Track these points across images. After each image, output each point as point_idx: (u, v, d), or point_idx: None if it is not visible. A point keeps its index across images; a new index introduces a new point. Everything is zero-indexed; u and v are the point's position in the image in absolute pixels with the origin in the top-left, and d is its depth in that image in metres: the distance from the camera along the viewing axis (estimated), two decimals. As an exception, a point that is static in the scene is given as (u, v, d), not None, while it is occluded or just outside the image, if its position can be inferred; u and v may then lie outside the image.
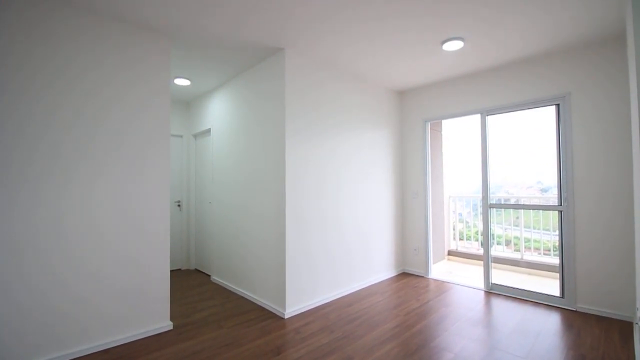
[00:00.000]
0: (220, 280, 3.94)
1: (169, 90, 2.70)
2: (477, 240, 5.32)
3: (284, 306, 2.96)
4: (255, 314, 3.04)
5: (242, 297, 3.48)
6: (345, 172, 3.61)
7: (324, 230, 3.33)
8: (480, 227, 5.32)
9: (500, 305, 3.16)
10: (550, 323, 2.76)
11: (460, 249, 5.28)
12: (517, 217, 4.95)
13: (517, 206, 4.43)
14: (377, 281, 3.99)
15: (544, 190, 5.47)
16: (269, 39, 2.81)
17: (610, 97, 2.88)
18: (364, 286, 3.80)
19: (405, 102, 4.43)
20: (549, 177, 4.92)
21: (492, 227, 3.70)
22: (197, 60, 3.24)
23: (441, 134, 5.18)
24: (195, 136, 4.72)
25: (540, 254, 4.60)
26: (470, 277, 4.24)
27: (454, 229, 5.46)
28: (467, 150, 5.55)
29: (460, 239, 5.44)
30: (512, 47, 3.04)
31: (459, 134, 5.63)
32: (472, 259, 5.07)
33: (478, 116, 3.77)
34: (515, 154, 5.44)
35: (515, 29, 2.68)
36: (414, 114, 4.33)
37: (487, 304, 3.22)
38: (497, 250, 4.92)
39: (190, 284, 4.04)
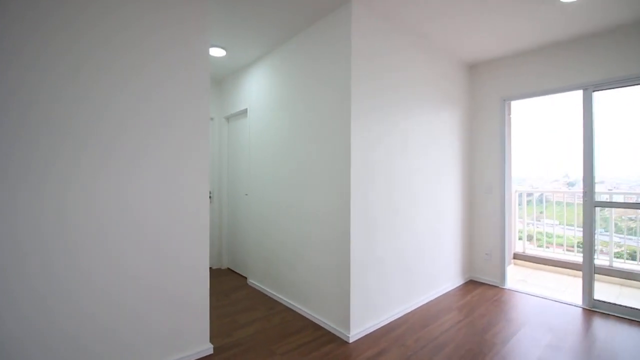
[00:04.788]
0: (259, 285, 3.39)
1: (208, 57, 2.10)
2: (550, 242, 4.56)
3: (347, 326, 2.37)
4: (310, 334, 2.46)
5: (289, 309, 2.91)
6: (416, 162, 2.95)
7: (394, 231, 2.70)
8: (542, 227, 4.53)
9: (621, 332, 2.47)
10: None
11: (529, 252, 4.55)
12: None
13: (631, 205, 3.51)
14: (445, 291, 3.34)
15: None
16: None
17: None
18: (433, 298, 3.17)
19: (477, 77, 3.69)
20: None
21: (597, 231, 2.97)
22: (237, 20, 2.62)
23: (510, 118, 4.41)
24: (228, 119, 4.14)
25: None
26: (556, 289, 3.54)
27: (520, 229, 4.73)
28: (540, 136, 4.78)
29: (528, 240, 4.70)
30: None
31: (530, 116, 4.82)
32: (543, 263, 4.35)
33: (576, 93, 3.03)
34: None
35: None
36: (489, 92, 3.60)
37: (600, 328, 2.53)
38: (555, 252, 4.18)
39: (225, 287, 3.52)
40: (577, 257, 4.16)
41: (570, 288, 3.61)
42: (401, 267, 2.80)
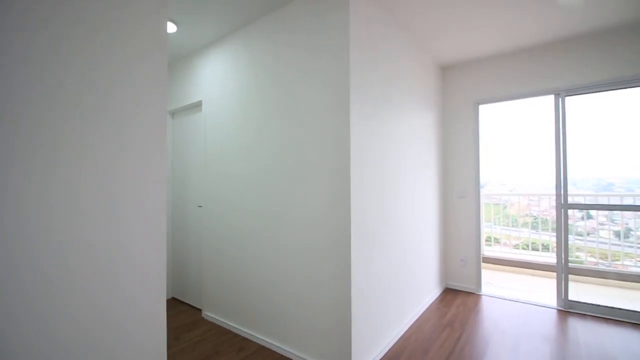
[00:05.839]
0: (221, 319, 2.75)
1: (166, 32, 1.48)
2: (507, 244, 4.76)
3: (348, 366, 1.94)
4: (302, 381, 1.97)
5: (265, 348, 2.36)
6: (403, 164, 2.67)
7: (386, 243, 2.36)
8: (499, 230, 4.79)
9: (607, 332, 2.49)
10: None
11: (488, 254, 4.67)
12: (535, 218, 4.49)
13: (601, 207, 3.72)
14: (429, 304, 3.13)
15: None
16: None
17: None
18: (421, 313, 2.91)
19: (450, 79, 3.61)
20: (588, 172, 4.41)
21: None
22: (200, -17, 2.04)
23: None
24: (174, 113, 3.39)
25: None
26: (523, 290, 3.60)
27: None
28: (503, 140, 5.01)
29: (487, 242, 4.84)
30: (616, 7, 2.35)
31: (494, 119, 4.99)
32: (503, 265, 4.49)
33: (546, 99, 3.11)
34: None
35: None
36: (462, 95, 3.53)
37: (587, 332, 2.53)
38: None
39: (174, 324, 2.78)
40: (534, 257, 4.39)
41: (534, 288, 3.71)
42: (393, 284, 2.48)
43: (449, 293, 3.47)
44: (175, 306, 3.22)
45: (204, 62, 2.95)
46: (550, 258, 4.35)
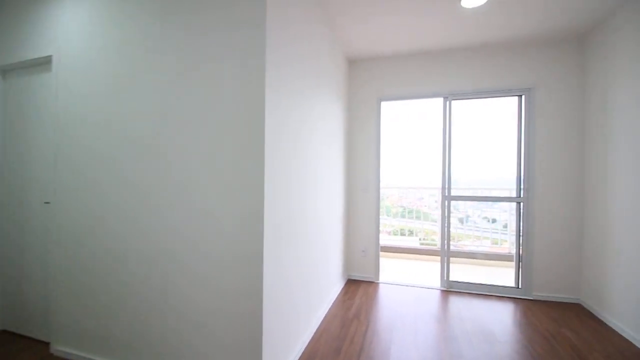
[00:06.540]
0: (79, 353, 2.07)
1: None
2: (384, 231, 5.22)
3: (258, 387, 1.66)
4: (200, 416, 1.59)
5: (149, 380, 1.86)
6: (310, 153, 2.51)
7: (294, 239, 2.14)
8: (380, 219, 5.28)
9: (480, 306, 2.90)
10: (517, 314, 2.65)
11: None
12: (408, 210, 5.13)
13: (476, 198, 4.39)
14: (335, 297, 3.09)
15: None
16: None
17: (570, 93, 3.01)
18: (328, 309, 2.84)
19: (356, 74, 3.64)
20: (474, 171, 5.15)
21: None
22: None
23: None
24: (5, 72, 2.39)
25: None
26: (410, 273, 3.98)
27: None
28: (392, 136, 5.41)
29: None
30: (500, 25, 2.75)
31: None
32: (387, 251, 4.91)
33: (436, 101, 3.44)
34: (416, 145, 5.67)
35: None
36: (367, 91, 3.61)
37: (471, 308, 2.90)
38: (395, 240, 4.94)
39: (1, 371, 1.96)
40: (406, 242, 5.02)
41: (418, 271, 4.15)
42: (302, 284, 2.30)
43: (352, 284, 3.53)
44: (10, 342, 2.30)
45: (58, 3, 2.13)
46: (415, 242, 5.12)
